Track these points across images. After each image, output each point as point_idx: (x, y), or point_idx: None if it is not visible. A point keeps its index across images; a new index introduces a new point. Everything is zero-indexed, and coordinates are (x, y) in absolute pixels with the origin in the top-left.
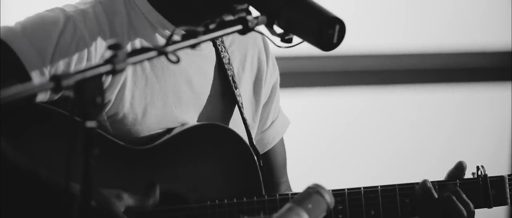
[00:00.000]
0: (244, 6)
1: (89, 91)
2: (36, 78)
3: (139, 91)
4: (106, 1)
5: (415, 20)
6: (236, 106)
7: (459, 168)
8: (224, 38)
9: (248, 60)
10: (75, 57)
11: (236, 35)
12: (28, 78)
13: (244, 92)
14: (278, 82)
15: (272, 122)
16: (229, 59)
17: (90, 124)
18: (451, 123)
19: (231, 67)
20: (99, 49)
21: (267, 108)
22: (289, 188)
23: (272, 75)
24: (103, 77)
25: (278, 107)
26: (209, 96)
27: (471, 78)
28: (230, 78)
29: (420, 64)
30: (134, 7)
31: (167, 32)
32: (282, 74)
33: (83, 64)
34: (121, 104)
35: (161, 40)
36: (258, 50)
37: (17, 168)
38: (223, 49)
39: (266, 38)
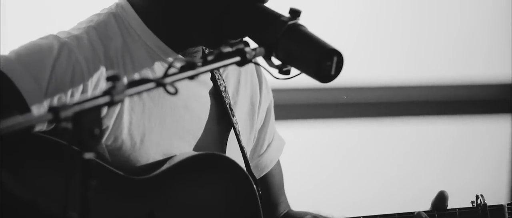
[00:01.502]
0: (242, 38)
1: (87, 123)
2: (34, 105)
3: (137, 117)
4: (100, 26)
5: (413, 52)
6: (233, 132)
7: (441, 198)
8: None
9: (241, 85)
10: (71, 84)
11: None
12: (25, 105)
13: (239, 117)
14: (272, 105)
15: (268, 145)
16: (225, 86)
17: (88, 155)
18: (451, 155)
19: (227, 94)
20: (95, 75)
21: (263, 132)
22: (287, 206)
23: (266, 98)
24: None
25: (274, 129)
26: (207, 121)
27: (470, 111)
28: (227, 105)
29: (419, 96)
30: (130, 31)
31: (164, 57)
32: (280, 106)
33: (79, 91)
34: (119, 131)
35: (158, 64)
36: (251, 74)
37: (16, 198)
38: (219, 77)
39: (258, 62)
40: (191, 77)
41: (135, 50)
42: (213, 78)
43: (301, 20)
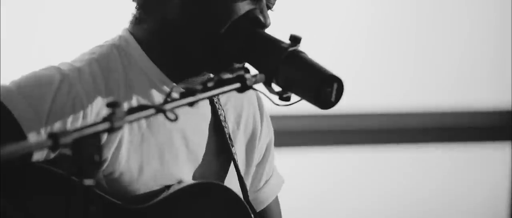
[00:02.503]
0: (242, 64)
1: (86, 149)
2: (32, 137)
3: (136, 149)
4: (102, 58)
5: (413, 80)
6: (232, 164)
7: None
8: (220, 96)
9: (243, 120)
10: (71, 116)
11: (232, 93)
12: (24, 137)
13: (239, 150)
14: (273, 141)
15: (266, 181)
16: (225, 117)
17: (88, 181)
18: (450, 182)
19: (227, 125)
20: (95, 108)
21: (261, 167)
22: None
23: (266, 135)
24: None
25: (273, 166)
26: (205, 154)
27: (469, 138)
28: (227, 136)
29: (418, 124)
30: (132, 63)
31: (165, 88)
32: (280, 133)
33: (79, 123)
34: (117, 163)
35: (159, 96)
36: (253, 109)
37: None
38: (220, 107)
39: (261, 96)
40: (191, 104)
41: (137, 82)
42: (213, 110)
43: (302, 47)
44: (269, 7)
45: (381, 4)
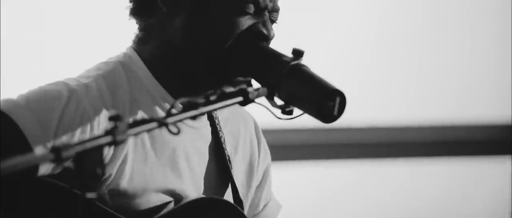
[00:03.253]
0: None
1: (89, 163)
2: (39, 152)
3: (139, 167)
4: (108, 74)
5: (413, 93)
6: (230, 186)
7: None
8: (219, 119)
9: (240, 145)
10: (78, 132)
11: (228, 119)
12: (30, 150)
13: (237, 173)
14: (270, 166)
15: (265, 206)
16: (224, 139)
17: (90, 195)
18: (450, 196)
19: (226, 147)
20: (102, 124)
21: (260, 191)
22: None
23: (264, 160)
24: (105, 151)
25: (270, 191)
26: (205, 175)
27: (469, 152)
28: (227, 157)
29: (419, 137)
30: (137, 80)
31: (168, 105)
32: (281, 147)
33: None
34: (121, 179)
35: (161, 113)
36: (250, 135)
37: None
38: (220, 129)
39: (256, 123)
40: (194, 117)
41: (141, 100)
42: (213, 130)
43: (304, 60)
44: (273, 21)
45: (382, 18)
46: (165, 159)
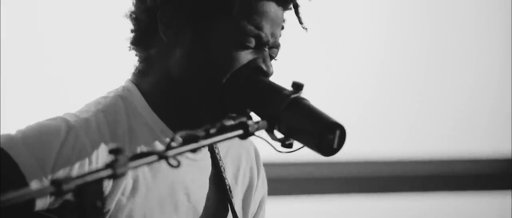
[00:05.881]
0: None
1: (89, 195)
2: (35, 186)
3: (138, 201)
4: (107, 109)
5: (413, 127)
6: (231, 215)
7: None
8: (220, 148)
9: (241, 173)
10: (76, 168)
11: (230, 147)
12: (26, 186)
13: (236, 204)
14: (266, 197)
15: None
16: (224, 169)
17: None
18: None
19: (226, 177)
20: (100, 159)
21: None
22: None
23: (261, 189)
24: (105, 183)
25: None
26: (205, 207)
27: (469, 186)
28: (227, 187)
29: (419, 172)
30: (136, 115)
31: (167, 139)
32: (281, 181)
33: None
34: (119, 213)
35: (160, 147)
36: (251, 162)
37: None
38: (220, 158)
39: (257, 150)
40: (194, 150)
41: (140, 133)
42: (214, 161)
43: (304, 94)
44: (272, 57)
45: (381, 52)
46: (164, 192)
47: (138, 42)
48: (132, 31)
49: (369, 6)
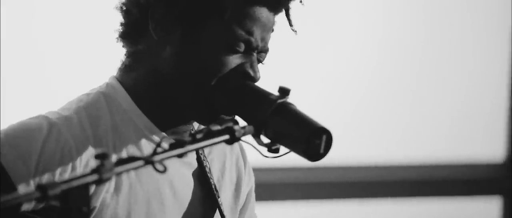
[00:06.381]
0: (231, 116)
1: (75, 201)
2: (22, 187)
3: (123, 198)
4: (90, 106)
5: (402, 132)
6: (218, 213)
7: None
8: (203, 149)
9: (227, 168)
10: (60, 165)
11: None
12: (12, 186)
13: (225, 199)
14: (253, 189)
15: None
16: (209, 168)
17: None
18: None
19: (211, 175)
20: (84, 157)
21: (243, 213)
22: None
23: (248, 182)
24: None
25: (254, 214)
26: (190, 203)
27: (459, 192)
28: (213, 186)
29: (408, 176)
30: (120, 110)
31: (153, 137)
32: (268, 186)
33: (68, 171)
34: (104, 211)
35: (146, 145)
36: (236, 156)
37: None
38: (204, 159)
39: (241, 144)
40: (180, 156)
41: (124, 130)
42: (198, 159)
43: (291, 98)
44: (260, 61)
45: (372, 56)
46: (149, 189)
47: (126, 36)
48: (121, 24)
49: (362, 9)
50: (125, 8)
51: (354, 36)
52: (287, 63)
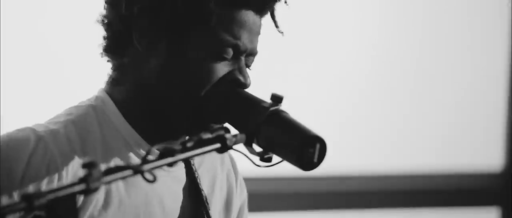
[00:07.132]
0: (223, 124)
1: (61, 211)
2: (4, 198)
3: (111, 213)
4: (78, 119)
5: (398, 142)
6: None
7: None
8: (194, 158)
9: (217, 183)
10: (45, 179)
11: (205, 156)
12: None
13: (214, 214)
14: (246, 203)
15: None
16: (200, 180)
17: None
18: None
19: (202, 188)
20: (71, 170)
21: None
22: None
23: (240, 196)
24: (77, 197)
25: None
26: (179, 217)
27: (456, 202)
28: (204, 198)
29: (404, 187)
30: (109, 124)
31: (142, 151)
32: (260, 196)
33: (54, 186)
34: None
35: (135, 159)
36: (227, 171)
37: None
38: (195, 170)
39: (232, 156)
40: (170, 164)
41: (113, 144)
42: (188, 171)
43: (284, 106)
44: (247, 65)
45: (366, 64)
46: (137, 204)
47: (111, 50)
48: (104, 37)
49: (354, 14)
50: (107, 20)
51: (351, 42)
52: (281, 69)
